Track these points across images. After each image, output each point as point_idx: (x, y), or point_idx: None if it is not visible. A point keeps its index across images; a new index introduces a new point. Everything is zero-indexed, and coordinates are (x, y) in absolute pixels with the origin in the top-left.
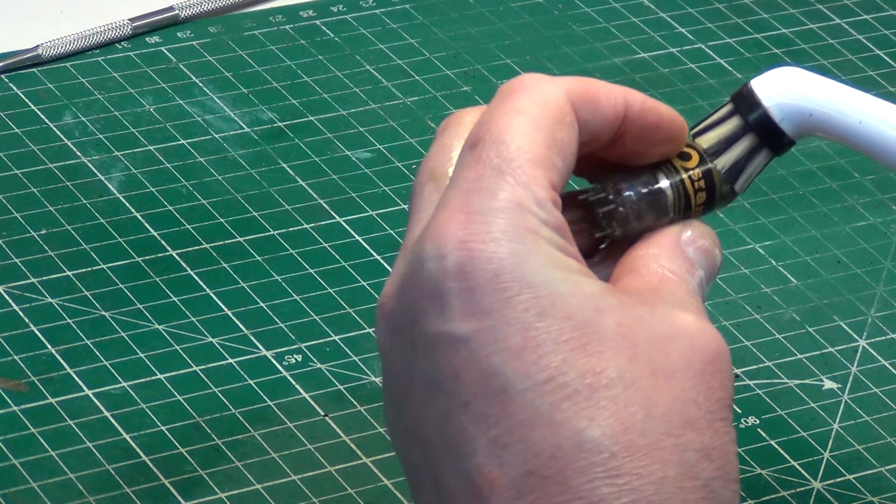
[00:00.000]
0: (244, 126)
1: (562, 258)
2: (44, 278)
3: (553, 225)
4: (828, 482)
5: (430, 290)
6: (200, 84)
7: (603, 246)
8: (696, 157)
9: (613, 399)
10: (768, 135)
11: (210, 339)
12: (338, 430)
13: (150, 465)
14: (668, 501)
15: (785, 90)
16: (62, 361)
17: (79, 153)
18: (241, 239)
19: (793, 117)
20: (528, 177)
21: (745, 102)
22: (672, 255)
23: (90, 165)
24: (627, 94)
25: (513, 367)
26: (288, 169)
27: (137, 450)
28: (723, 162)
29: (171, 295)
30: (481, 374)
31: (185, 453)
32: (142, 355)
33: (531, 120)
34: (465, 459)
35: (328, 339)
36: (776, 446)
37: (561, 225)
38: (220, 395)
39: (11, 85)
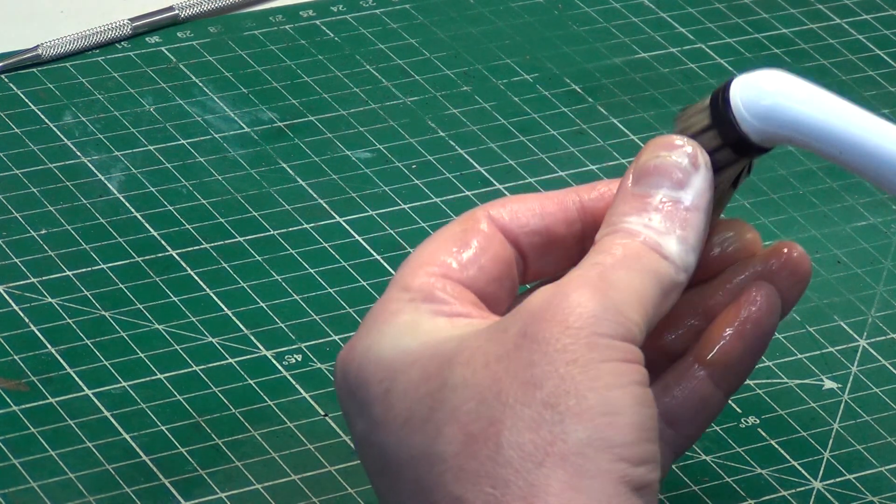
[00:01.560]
0: (244, 126)
1: (424, 321)
2: (44, 278)
3: (422, 297)
4: (828, 482)
5: (341, 404)
6: (200, 84)
7: None
8: None
9: (451, 407)
10: (745, 152)
11: (210, 339)
12: (338, 430)
13: (150, 465)
14: (510, 464)
15: (764, 119)
16: (62, 361)
17: (79, 153)
18: (241, 239)
19: (771, 142)
20: (402, 275)
21: (725, 126)
22: (607, 223)
23: (90, 165)
24: (578, 191)
25: (383, 437)
26: (288, 169)
27: (137, 450)
28: None
29: (171, 295)
30: (378, 457)
31: (185, 453)
32: (142, 355)
33: (437, 237)
34: None
35: (328, 339)
36: (776, 446)
37: (428, 293)
38: (220, 395)
39: (11, 85)
